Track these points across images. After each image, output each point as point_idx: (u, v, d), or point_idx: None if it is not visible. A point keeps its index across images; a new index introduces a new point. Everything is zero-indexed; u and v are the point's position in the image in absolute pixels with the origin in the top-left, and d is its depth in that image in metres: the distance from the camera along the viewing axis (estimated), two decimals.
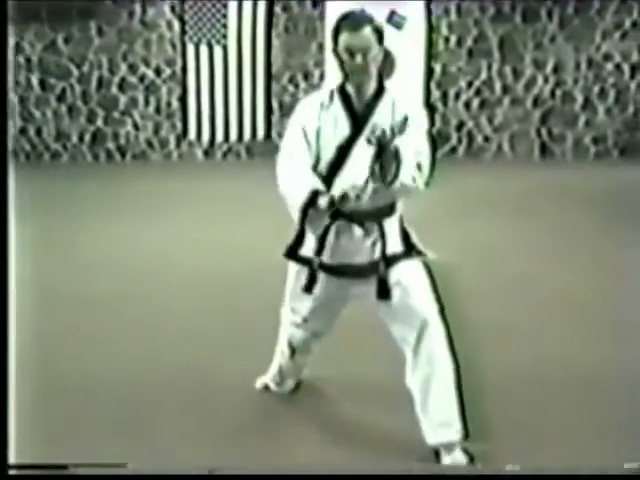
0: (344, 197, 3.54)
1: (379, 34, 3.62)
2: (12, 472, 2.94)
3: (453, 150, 12.88)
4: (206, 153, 12.85)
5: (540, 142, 12.88)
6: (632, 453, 3.74)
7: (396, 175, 3.42)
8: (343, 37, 3.60)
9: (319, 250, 3.75)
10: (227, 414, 4.28)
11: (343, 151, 3.66)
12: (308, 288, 3.83)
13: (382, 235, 3.73)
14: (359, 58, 3.57)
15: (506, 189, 10.24)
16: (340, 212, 3.62)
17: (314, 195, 3.54)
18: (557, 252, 7.41)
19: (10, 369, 2.80)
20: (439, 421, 3.76)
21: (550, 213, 8.98)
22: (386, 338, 3.87)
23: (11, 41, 11.95)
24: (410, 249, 3.81)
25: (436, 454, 3.83)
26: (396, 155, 3.44)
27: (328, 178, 3.66)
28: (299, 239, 3.82)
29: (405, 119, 3.57)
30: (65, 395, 4.36)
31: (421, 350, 3.72)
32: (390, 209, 3.75)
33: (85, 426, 4.04)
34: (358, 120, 3.68)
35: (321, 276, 3.81)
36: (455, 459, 3.79)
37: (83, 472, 3.28)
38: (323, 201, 3.53)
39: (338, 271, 3.78)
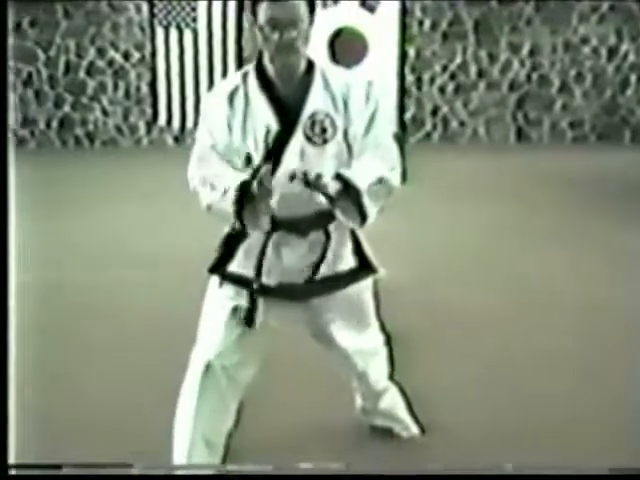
0: (292, 176, 2.88)
1: (310, 1, 2.89)
2: (12, 472, 2.92)
3: (428, 135, 12.73)
4: (176, 139, 12.64)
5: (516, 127, 12.75)
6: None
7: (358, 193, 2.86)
8: (264, 6, 2.85)
9: (258, 268, 3.05)
10: None
11: (274, 148, 2.90)
12: (248, 320, 3.07)
13: (327, 247, 3.08)
14: (286, 33, 2.83)
15: (482, 174, 10.13)
16: (278, 222, 2.95)
17: (245, 185, 2.82)
18: (534, 237, 7.30)
19: (10, 369, 2.74)
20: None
21: (526, 198, 8.86)
22: None
23: None
24: (363, 263, 3.18)
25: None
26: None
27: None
28: (228, 252, 3.14)
29: (372, 114, 2.98)
30: (65, 395, 4.25)
31: (368, 377, 3.50)
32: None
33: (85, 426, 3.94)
34: (285, 109, 2.95)
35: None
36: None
37: (83, 472, 3.22)
38: (256, 185, 2.76)
39: (276, 293, 3.08)
